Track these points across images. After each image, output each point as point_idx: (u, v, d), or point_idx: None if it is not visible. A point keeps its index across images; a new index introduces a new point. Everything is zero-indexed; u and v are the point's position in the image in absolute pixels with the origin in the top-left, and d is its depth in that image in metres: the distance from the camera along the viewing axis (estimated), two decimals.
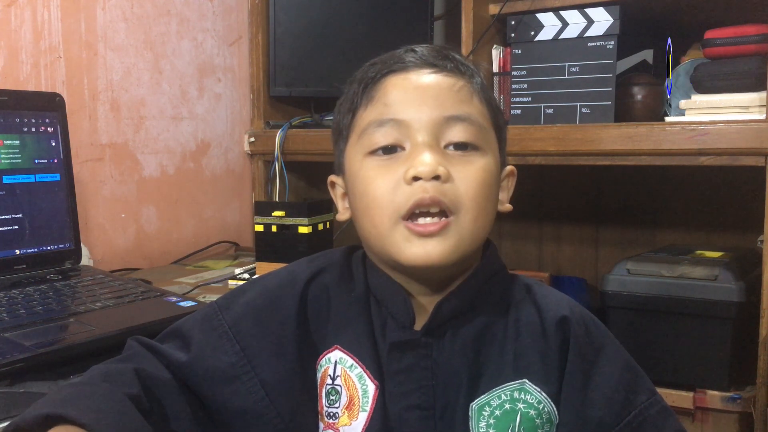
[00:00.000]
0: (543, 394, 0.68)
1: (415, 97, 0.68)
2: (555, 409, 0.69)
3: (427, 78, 0.69)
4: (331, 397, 0.71)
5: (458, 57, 0.72)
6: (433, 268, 0.67)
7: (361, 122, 0.70)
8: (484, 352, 0.70)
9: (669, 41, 1.49)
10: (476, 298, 0.71)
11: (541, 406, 0.68)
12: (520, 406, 0.68)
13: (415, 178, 0.65)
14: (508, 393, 0.68)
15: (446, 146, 0.68)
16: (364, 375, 0.70)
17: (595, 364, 0.70)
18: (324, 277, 0.75)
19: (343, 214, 0.76)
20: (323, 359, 0.72)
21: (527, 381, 0.69)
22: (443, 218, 0.66)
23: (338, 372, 0.71)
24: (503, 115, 0.76)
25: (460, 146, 0.68)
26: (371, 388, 0.69)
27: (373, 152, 0.68)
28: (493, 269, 0.73)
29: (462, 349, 0.69)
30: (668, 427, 0.70)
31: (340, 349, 0.71)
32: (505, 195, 0.74)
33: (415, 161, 0.65)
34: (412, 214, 0.66)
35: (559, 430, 0.69)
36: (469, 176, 0.67)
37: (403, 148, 0.68)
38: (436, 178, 0.65)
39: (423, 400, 0.68)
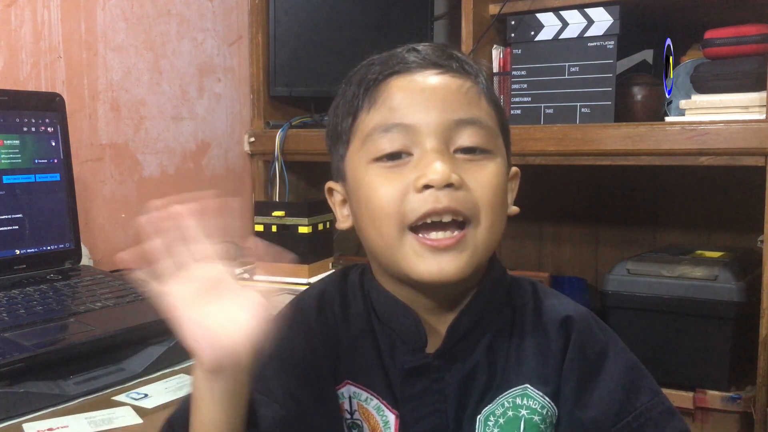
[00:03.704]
0: (546, 398, 0.67)
1: (422, 100, 0.64)
2: (557, 410, 0.67)
3: (434, 79, 0.65)
4: None
5: (462, 56, 0.68)
6: (447, 285, 0.64)
7: (364, 127, 0.66)
8: (492, 364, 0.68)
9: (669, 41, 1.49)
10: (485, 310, 0.68)
11: (545, 411, 0.67)
12: (523, 412, 0.66)
13: (426, 186, 0.61)
14: (510, 400, 0.67)
15: (455, 151, 0.64)
16: (382, 406, 0.68)
17: (597, 363, 0.68)
18: (326, 311, 0.71)
19: (343, 222, 0.72)
20: (337, 394, 0.69)
21: (529, 386, 0.67)
22: (457, 231, 0.62)
23: (354, 407, 0.69)
24: (506, 114, 0.75)
25: (470, 150, 0.64)
26: (391, 418, 0.67)
27: (378, 159, 0.64)
28: (496, 277, 0.70)
29: (473, 368, 0.67)
30: (671, 428, 0.67)
31: (351, 384, 0.69)
32: (510, 197, 0.71)
33: (426, 169, 0.62)
34: (422, 225, 0.62)
35: (557, 428, 0.68)
36: (483, 182, 0.63)
37: (410, 154, 0.64)
38: (449, 186, 0.61)
39: (437, 424, 0.66)
